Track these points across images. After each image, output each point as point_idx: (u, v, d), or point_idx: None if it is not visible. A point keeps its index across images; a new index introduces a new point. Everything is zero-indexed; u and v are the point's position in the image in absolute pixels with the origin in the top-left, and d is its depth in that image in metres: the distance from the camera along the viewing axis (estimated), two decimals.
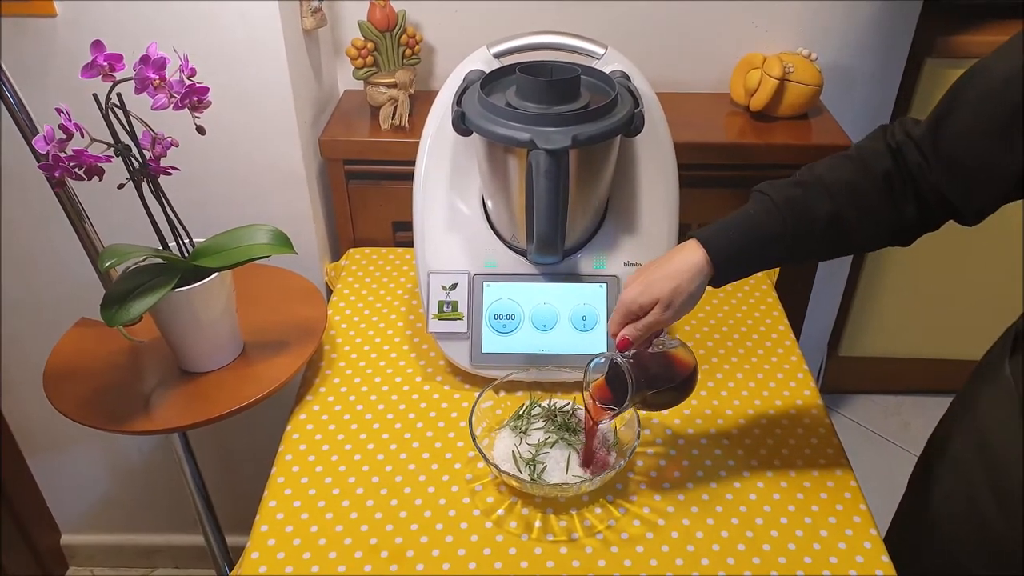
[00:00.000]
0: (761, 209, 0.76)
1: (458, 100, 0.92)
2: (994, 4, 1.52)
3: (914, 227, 0.75)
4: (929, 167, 0.71)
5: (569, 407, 0.95)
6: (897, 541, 0.84)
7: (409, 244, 1.08)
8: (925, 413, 0.88)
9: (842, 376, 2.04)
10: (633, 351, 0.80)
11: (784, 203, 0.74)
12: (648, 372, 0.79)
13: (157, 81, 0.78)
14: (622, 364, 0.78)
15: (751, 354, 1.07)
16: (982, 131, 0.66)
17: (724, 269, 0.77)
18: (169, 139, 0.85)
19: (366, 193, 1.27)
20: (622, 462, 0.85)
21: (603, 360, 0.81)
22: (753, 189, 0.79)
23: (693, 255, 0.76)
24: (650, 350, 0.81)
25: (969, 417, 0.85)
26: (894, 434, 1.99)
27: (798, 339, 1.12)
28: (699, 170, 1.22)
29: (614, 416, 0.82)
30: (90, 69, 0.76)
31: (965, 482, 0.83)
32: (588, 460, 0.87)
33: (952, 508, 0.85)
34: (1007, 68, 0.64)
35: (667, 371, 0.81)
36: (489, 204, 1.01)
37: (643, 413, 0.92)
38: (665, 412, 0.96)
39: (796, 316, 1.39)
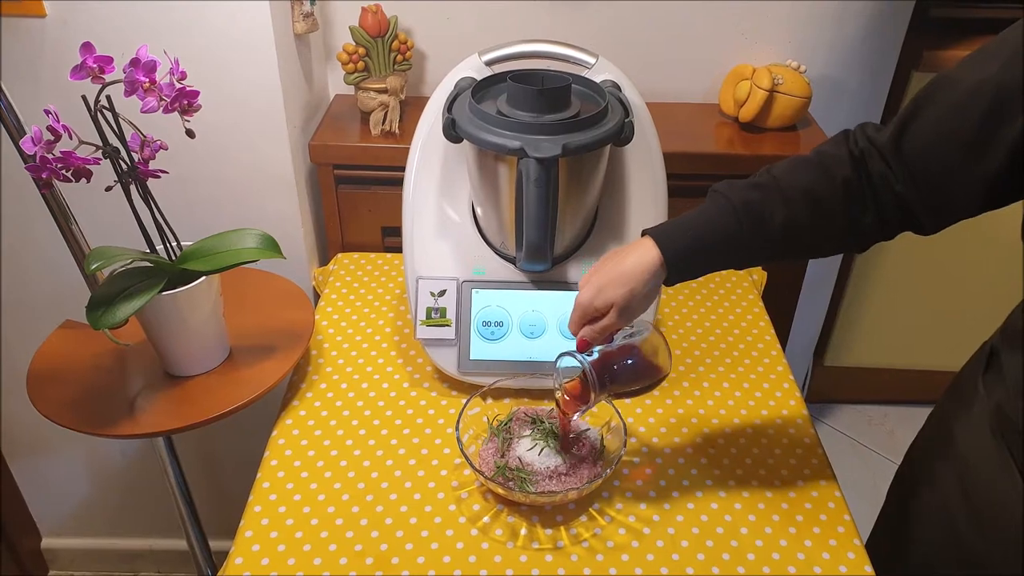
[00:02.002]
0: (718, 211, 0.75)
1: (449, 107, 0.93)
2: (979, 20, 1.54)
3: (869, 235, 0.74)
4: (894, 176, 0.70)
5: (555, 414, 0.95)
6: (876, 552, 0.85)
7: (398, 250, 1.08)
8: (910, 423, 0.88)
9: (828, 386, 2.06)
10: (597, 348, 0.82)
11: (741, 206, 0.74)
12: (613, 370, 0.81)
13: (147, 84, 0.78)
14: (585, 368, 0.80)
15: (738, 364, 1.08)
16: (947, 142, 0.66)
17: (678, 270, 0.76)
18: (158, 142, 0.85)
19: (355, 198, 1.27)
20: (608, 470, 0.85)
21: (570, 357, 0.82)
22: (711, 188, 0.77)
23: (647, 255, 0.76)
24: (616, 344, 0.82)
25: (943, 433, 0.86)
26: (879, 444, 2.00)
27: (784, 349, 1.13)
28: (688, 180, 1.22)
29: (583, 411, 0.84)
30: (79, 71, 0.76)
31: (940, 498, 0.84)
32: (567, 447, 0.90)
33: (928, 523, 0.86)
34: (973, 80, 0.64)
35: (633, 369, 0.83)
36: (479, 211, 1.01)
37: (628, 419, 0.92)
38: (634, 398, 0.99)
39: (783, 326, 1.40)
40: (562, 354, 0.83)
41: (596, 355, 0.81)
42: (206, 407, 0.91)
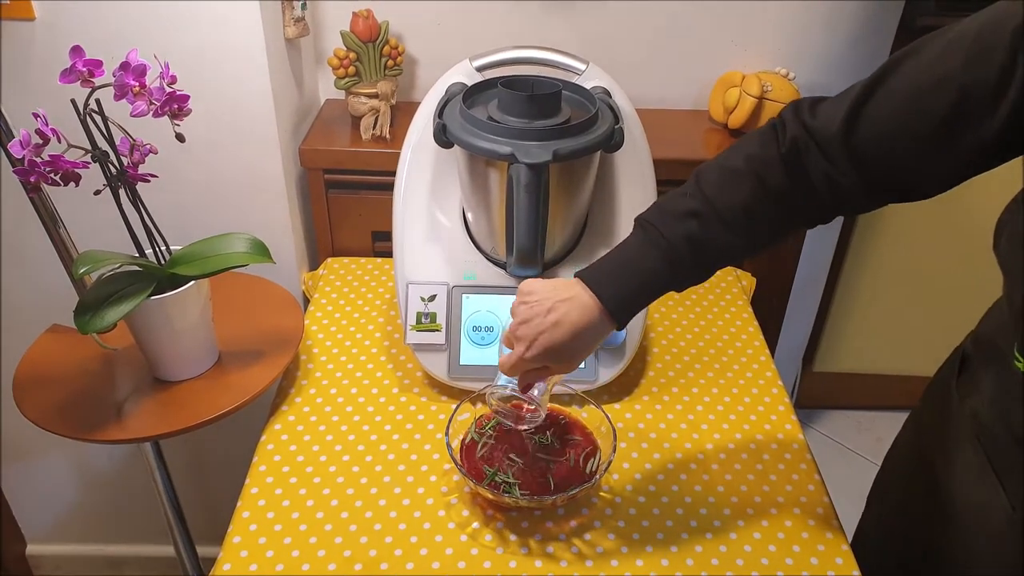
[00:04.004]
0: (657, 254, 0.71)
1: (440, 112, 0.93)
2: None
3: (804, 228, 0.74)
4: (837, 170, 0.66)
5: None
6: (856, 557, 0.85)
7: (388, 254, 1.08)
8: (898, 429, 0.89)
9: (816, 391, 2.06)
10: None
11: (680, 242, 0.70)
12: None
13: (137, 88, 0.78)
14: (534, 397, 0.81)
15: (726, 369, 1.08)
16: (904, 136, 0.63)
17: (622, 318, 0.74)
18: (148, 146, 0.85)
19: (346, 203, 1.27)
20: (598, 476, 0.85)
21: (505, 386, 0.82)
22: (639, 218, 0.74)
23: (590, 315, 0.73)
24: None
25: (921, 438, 0.86)
26: (867, 449, 2.01)
27: (773, 354, 1.13)
28: (678, 186, 1.22)
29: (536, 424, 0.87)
30: (69, 74, 0.76)
31: (919, 502, 0.84)
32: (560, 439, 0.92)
33: (907, 528, 0.86)
34: (933, 76, 0.61)
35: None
36: (469, 216, 1.01)
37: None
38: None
39: (771, 331, 1.40)
40: (493, 386, 0.82)
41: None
42: (195, 412, 0.91)
